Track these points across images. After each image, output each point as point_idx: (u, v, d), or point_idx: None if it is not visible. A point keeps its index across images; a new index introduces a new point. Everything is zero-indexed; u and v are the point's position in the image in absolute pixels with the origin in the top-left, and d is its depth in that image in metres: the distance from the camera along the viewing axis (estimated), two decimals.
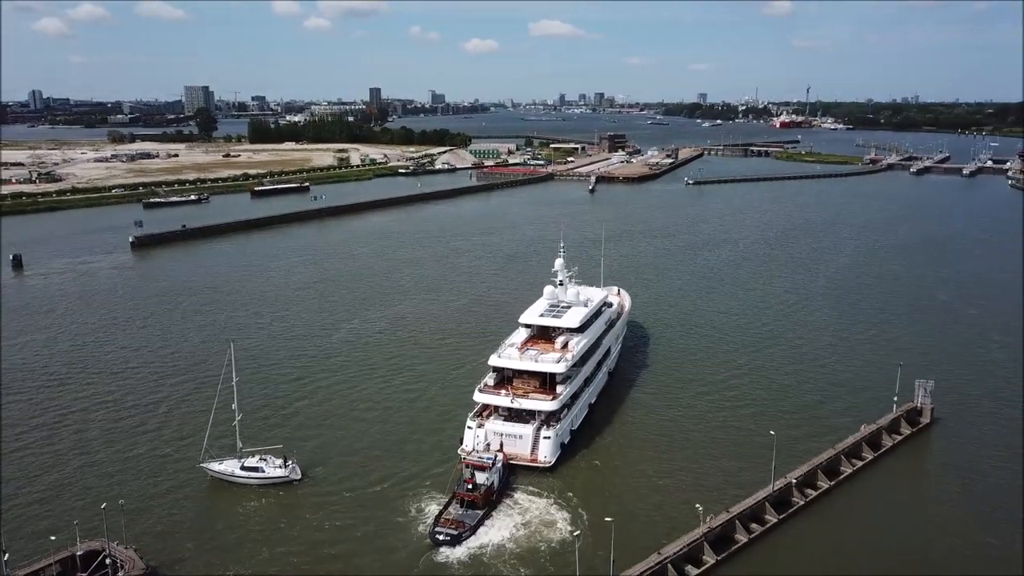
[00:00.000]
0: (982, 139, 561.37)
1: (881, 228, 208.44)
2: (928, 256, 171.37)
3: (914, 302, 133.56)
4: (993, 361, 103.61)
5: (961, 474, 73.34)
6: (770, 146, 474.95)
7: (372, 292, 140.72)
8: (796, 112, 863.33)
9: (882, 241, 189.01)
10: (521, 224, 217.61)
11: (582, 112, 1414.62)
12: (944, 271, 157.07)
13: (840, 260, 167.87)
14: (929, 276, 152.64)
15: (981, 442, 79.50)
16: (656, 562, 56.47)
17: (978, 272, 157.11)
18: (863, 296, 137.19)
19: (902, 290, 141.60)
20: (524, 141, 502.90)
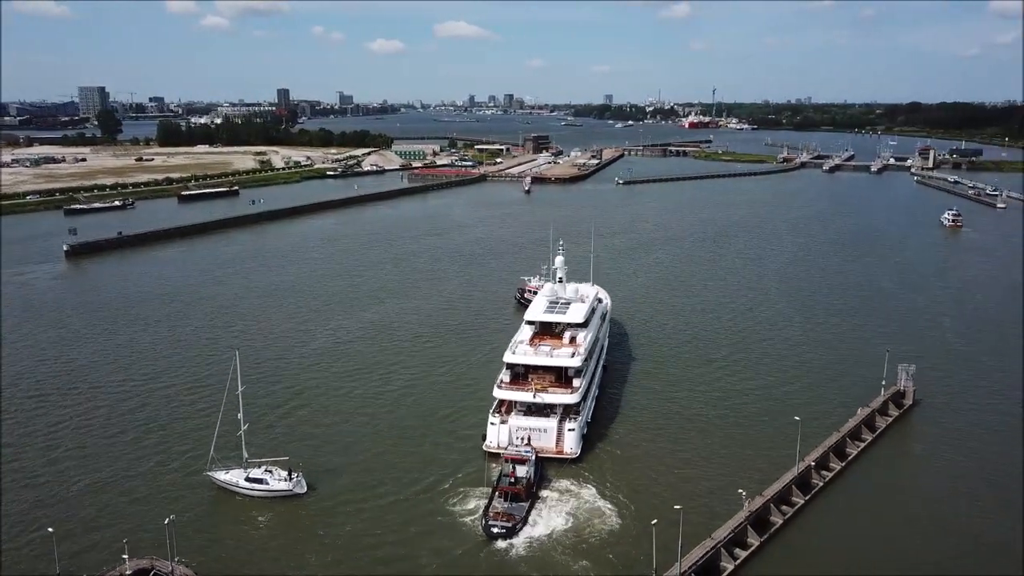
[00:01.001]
0: (878, 138, 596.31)
1: (813, 224, 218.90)
2: (863, 249, 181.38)
3: (864, 292, 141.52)
4: (950, 342, 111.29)
5: (947, 447, 79.10)
6: (686, 146, 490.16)
7: (341, 297, 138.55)
8: (703, 113, 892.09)
9: (817, 236, 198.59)
10: (468, 225, 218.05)
11: (493, 113, 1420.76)
12: (882, 262, 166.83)
13: (783, 255, 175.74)
14: (870, 268, 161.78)
15: (958, 418, 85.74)
16: (711, 547, 58.68)
17: (912, 262, 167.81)
18: (817, 289, 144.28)
19: (850, 281, 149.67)
20: (448, 142, 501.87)
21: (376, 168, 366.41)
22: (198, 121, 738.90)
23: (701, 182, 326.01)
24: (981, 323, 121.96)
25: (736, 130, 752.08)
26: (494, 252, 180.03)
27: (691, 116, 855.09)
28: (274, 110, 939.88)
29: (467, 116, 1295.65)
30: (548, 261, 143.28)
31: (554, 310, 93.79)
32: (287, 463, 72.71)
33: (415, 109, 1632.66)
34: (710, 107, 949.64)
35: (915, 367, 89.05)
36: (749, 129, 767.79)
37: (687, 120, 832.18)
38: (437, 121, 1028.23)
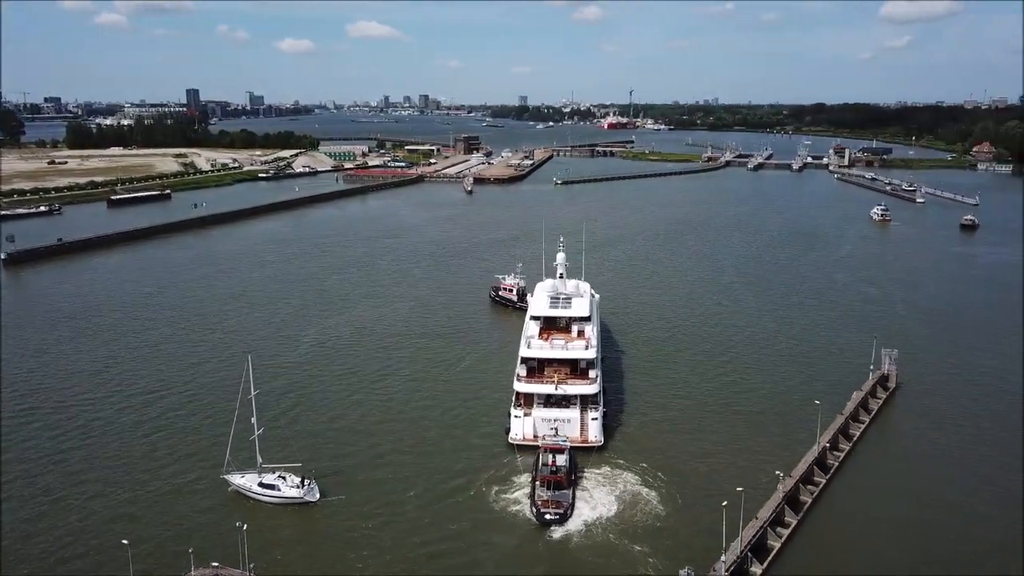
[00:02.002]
0: (789, 137, 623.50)
1: (753, 220, 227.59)
2: (807, 244, 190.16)
3: (820, 285, 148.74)
4: (911, 329, 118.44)
5: (930, 424, 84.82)
6: (612, 147, 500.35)
7: (314, 301, 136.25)
8: (621, 114, 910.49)
9: (762, 233, 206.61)
10: (420, 226, 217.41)
11: (410, 114, 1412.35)
12: (828, 256, 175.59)
13: (735, 251, 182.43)
14: (819, 261, 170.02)
15: (936, 398, 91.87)
16: (759, 527, 61.40)
17: (855, 255, 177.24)
18: (775, 282, 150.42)
19: (804, 275, 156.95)
20: (375, 143, 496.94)
21: (308, 170, 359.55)
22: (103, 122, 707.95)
23: (636, 181, 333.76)
24: (932, 310, 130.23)
25: (654, 131, 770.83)
26: (454, 253, 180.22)
27: (609, 117, 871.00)
28: (184, 111, 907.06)
29: (384, 117, 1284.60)
30: (518, 260, 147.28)
31: (558, 305, 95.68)
32: (301, 470, 71.81)
33: (328, 110, 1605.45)
34: (627, 108, 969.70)
35: (897, 352, 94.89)
36: (666, 129, 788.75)
37: (606, 121, 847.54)
38: (355, 122, 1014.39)
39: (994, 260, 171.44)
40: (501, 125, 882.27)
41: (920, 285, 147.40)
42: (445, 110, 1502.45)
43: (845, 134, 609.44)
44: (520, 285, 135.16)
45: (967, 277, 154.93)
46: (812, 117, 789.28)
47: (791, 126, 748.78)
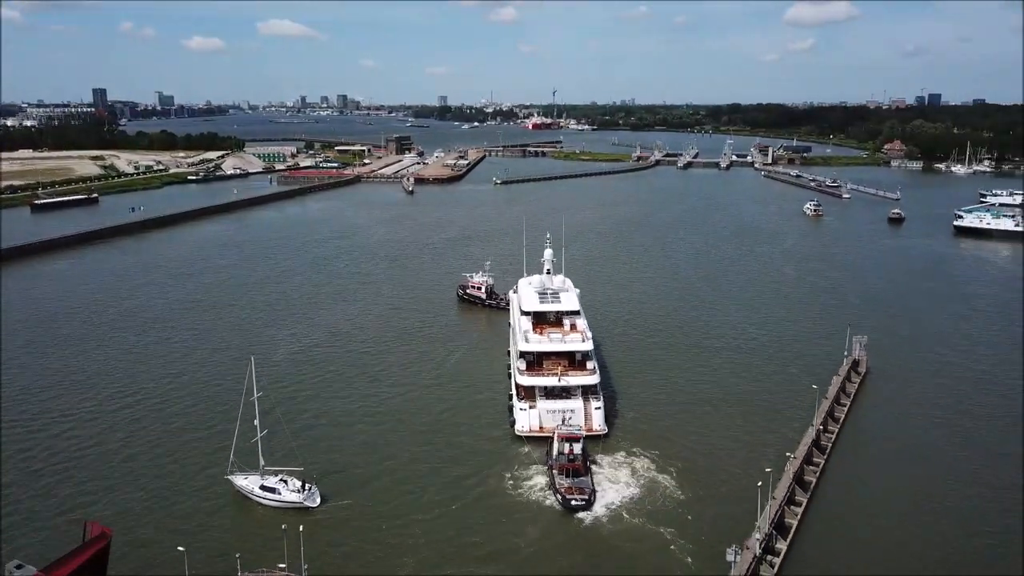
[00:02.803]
0: (710, 136, 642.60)
1: (695, 217, 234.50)
2: (751, 239, 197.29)
3: (772, 278, 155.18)
4: (865, 316, 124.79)
5: (903, 403, 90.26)
6: (543, 147, 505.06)
7: (280, 304, 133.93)
8: (545, 114, 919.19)
9: (706, 229, 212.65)
10: (367, 227, 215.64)
11: (330, 114, 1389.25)
12: (773, 250, 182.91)
13: (686, 248, 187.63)
14: (766, 256, 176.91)
15: (903, 380, 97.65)
16: (778, 506, 64.46)
17: (797, 248, 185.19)
18: (728, 278, 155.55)
19: (756, 269, 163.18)
20: (304, 144, 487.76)
21: (239, 171, 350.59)
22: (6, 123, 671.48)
23: (573, 181, 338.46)
24: (881, 299, 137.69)
25: (578, 131, 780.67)
26: (410, 253, 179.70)
27: (534, 118, 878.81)
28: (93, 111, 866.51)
29: (303, 117, 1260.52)
30: (475, 259, 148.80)
31: (548, 300, 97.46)
32: (302, 474, 71.35)
33: (243, 110, 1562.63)
34: (550, 108, 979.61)
35: (867, 338, 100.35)
36: (589, 130, 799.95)
37: (530, 121, 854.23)
38: (274, 122, 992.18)
39: (926, 251, 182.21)
40: (426, 125, 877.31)
41: (864, 276, 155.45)
42: (365, 110, 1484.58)
43: (762, 133, 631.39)
44: (488, 283, 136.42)
45: (905, 267, 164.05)
46: (728, 117, 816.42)
47: (710, 126, 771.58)
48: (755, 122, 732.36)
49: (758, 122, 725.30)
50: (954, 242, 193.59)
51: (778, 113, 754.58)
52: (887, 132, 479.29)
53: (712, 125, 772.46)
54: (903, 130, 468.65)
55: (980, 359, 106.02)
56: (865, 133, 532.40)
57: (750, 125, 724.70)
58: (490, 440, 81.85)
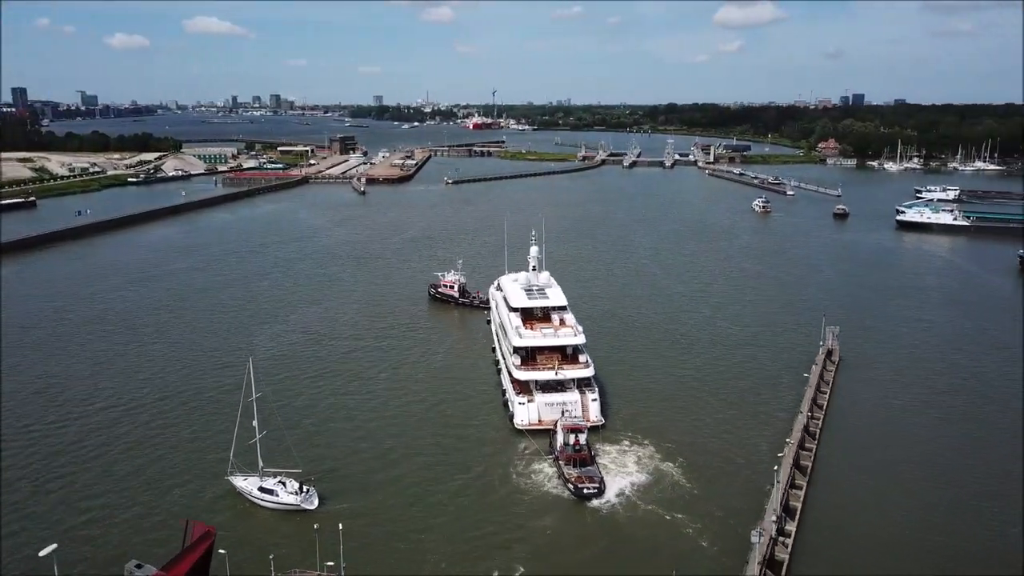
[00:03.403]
0: (649, 136, 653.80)
1: (649, 214, 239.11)
2: (708, 236, 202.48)
3: (734, 273, 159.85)
4: (827, 307, 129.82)
5: (876, 389, 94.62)
6: (489, 146, 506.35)
7: (248, 307, 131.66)
8: (485, 114, 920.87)
9: (662, 227, 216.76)
10: (325, 228, 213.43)
11: (264, 115, 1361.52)
12: (730, 246, 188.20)
13: (646, 245, 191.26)
14: (724, 252, 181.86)
15: (871, 366, 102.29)
16: (783, 490, 67.10)
17: (752, 244, 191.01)
18: (692, 273, 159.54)
19: (716, 265, 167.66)
20: (244, 145, 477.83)
21: (181, 173, 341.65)
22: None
23: (523, 180, 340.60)
24: (839, 291, 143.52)
25: (519, 131, 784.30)
26: (372, 254, 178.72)
27: (474, 118, 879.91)
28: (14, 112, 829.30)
29: (236, 117, 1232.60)
30: (446, 259, 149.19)
31: (535, 296, 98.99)
32: (300, 475, 71.20)
33: (171, 111, 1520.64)
34: (490, 108, 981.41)
35: (839, 328, 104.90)
36: (531, 130, 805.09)
37: (471, 121, 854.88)
38: (207, 123, 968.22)
39: (874, 245, 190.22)
40: (365, 126, 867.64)
41: (820, 270, 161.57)
42: (300, 110, 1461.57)
43: (699, 133, 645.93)
44: (460, 281, 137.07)
45: (857, 261, 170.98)
46: (666, 117, 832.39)
47: (648, 125, 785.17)
48: (691, 122, 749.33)
49: (694, 122, 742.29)
50: (897, 236, 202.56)
51: (713, 113, 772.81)
52: (819, 131, 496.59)
53: (650, 125, 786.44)
54: (835, 129, 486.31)
55: (939, 344, 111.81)
56: (798, 132, 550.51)
57: (687, 125, 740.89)
58: (489, 435, 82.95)
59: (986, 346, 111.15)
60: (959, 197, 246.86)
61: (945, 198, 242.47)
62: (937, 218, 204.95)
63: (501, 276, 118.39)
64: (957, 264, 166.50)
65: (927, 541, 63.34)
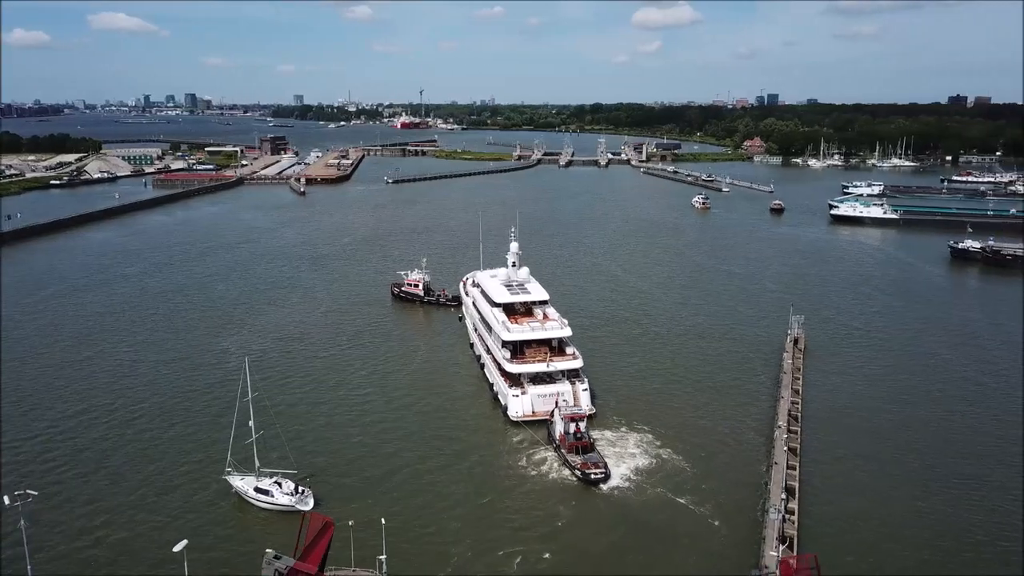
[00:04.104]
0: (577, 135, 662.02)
1: (594, 214, 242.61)
2: (655, 232, 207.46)
3: (687, 268, 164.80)
4: (785, 298, 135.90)
5: (845, 374, 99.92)
6: (423, 145, 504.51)
7: (211, 311, 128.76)
8: (413, 114, 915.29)
9: (608, 225, 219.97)
10: (272, 229, 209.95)
11: (181, 114, 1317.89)
12: (678, 242, 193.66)
13: (597, 243, 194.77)
14: (674, 247, 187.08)
15: (834, 353, 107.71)
16: (782, 472, 70.54)
17: (699, 239, 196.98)
18: (648, 269, 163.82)
19: (670, 260, 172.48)
20: (169, 145, 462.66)
21: (107, 175, 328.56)
22: None
23: (463, 179, 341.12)
24: (789, 282, 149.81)
25: (448, 130, 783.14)
26: (325, 255, 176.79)
27: (403, 117, 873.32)
28: None
29: (150, 117, 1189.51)
30: (401, 259, 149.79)
31: (517, 291, 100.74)
32: (296, 476, 71.21)
33: (79, 110, 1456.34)
34: (418, 108, 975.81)
35: (804, 317, 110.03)
36: (460, 129, 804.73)
37: (399, 121, 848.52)
38: (120, 123, 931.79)
39: (814, 238, 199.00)
40: (291, 125, 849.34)
41: (768, 263, 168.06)
42: (218, 110, 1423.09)
43: (626, 132, 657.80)
44: (425, 280, 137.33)
45: (801, 253, 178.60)
46: (592, 116, 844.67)
47: (575, 125, 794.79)
48: (617, 121, 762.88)
49: (620, 121, 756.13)
50: (833, 230, 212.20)
51: (639, 113, 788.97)
52: (743, 130, 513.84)
53: (577, 124, 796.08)
54: (757, 127, 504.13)
55: (893, 330, 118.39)
56: (723, 131, 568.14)
57: (613, 124, 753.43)
58: (483, 428, 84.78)
59: (937, 331, 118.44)
60: (884, 192, 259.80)
61: (871, 193, 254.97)
62: (868, 212, 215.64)
63: (474, 272, 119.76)
64: (894, 255, 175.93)
65: (914, 510, 67.67)
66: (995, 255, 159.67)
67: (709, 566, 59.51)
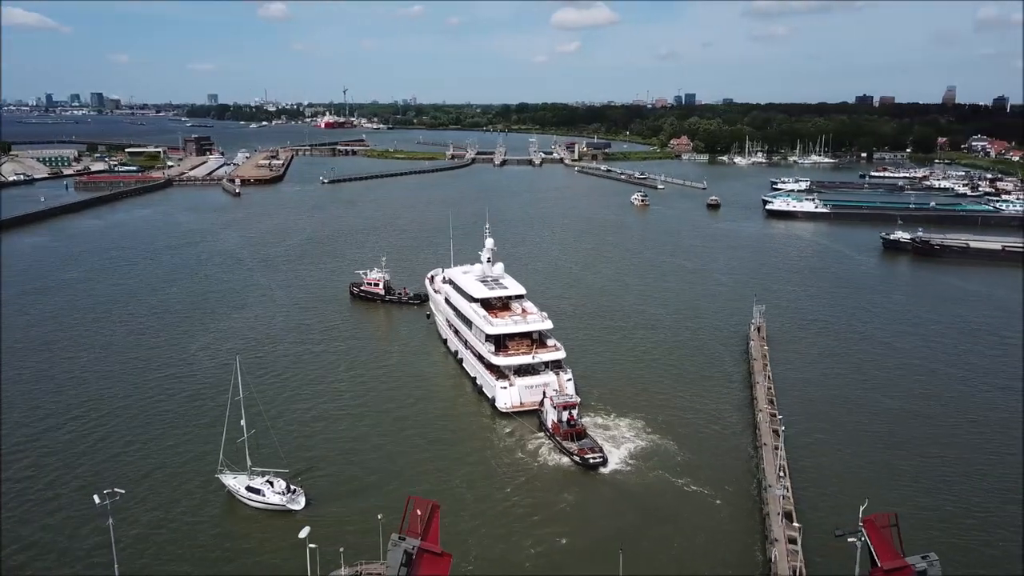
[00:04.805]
0: (506, 135, 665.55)
1: (538, 213, 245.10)
2: (600, 230, 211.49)
3: (638, 264, 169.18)
4: (741, 290, 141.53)
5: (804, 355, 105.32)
6: (353, 145, 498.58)
7: (168, 316, 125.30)
8: (336, 113, 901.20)
9: (555, 224, 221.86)
10: (212, 231, 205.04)
11: (88, 114, 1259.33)
12: (627, 239, 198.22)
13: (548, 241, 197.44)
14: (626, 244, 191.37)
15: (792, 338, 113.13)
16: (772, 450, 74.13)
17: (636, 236, 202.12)
18: (600, 265, 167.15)
19: (620, 256, 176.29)
20: (85, 147, 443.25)
21: (24, 178, 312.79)
22: None
23: (400, 179, 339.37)
24: (739, 273, 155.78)
25: (374, 130, 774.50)
26: (275, 256, 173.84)
27: (327, 117, 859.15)
28: None
29: (56, 117, 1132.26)
30: (354, 260, 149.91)
31: (493, 286, 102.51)
32: (287, 475, 71.28)
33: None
34: (341, 107, 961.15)
35: (765, 307, 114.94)
36: (386, 128, 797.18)
37: (323, 120, 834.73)
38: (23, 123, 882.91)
39: (753, 232, 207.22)
40: (211, 125, 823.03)
41: (714, 256, 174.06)
42: (128, 109, 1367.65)
43: (553, 131, 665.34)
44: (385, 279, 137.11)
45: (744, 247, 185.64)
46: (518, 116, 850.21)
47: (501, 124, 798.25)
48: (543, 121, 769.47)
49: (546, 121, 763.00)
50: (769, 224, 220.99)
51: (564, 112, 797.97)
52: (668, 129, 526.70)
53: (504, 124, 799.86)
54: (682, 126, 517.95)
55: (844, 316, 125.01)
56: (648, 130, 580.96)
57: (539, 124, 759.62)
58: (473, 421, 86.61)
59: (883, 316, 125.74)
60: (811, 188, 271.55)
61: (799, 189, 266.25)
62: (801, 206, 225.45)
63: (438, 269, 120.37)
64: (831, 247, 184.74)
65: (895, 477, 72.71)
66: (924, 245, 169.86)
67: (719, 542, 62.32)
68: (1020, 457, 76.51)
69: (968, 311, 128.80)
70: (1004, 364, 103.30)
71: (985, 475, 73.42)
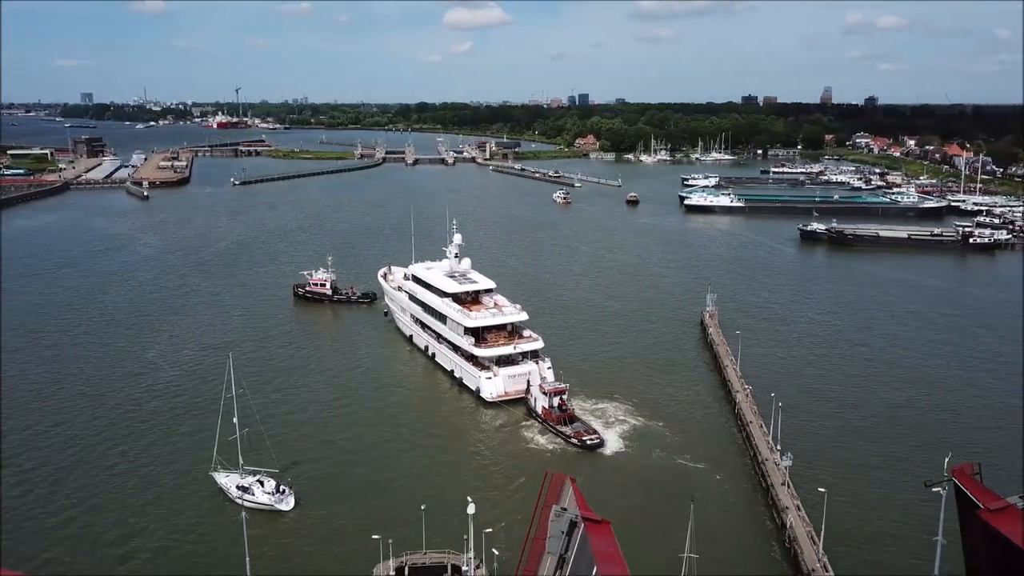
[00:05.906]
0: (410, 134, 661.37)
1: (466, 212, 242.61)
2: (530, 229, 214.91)
3: (577, 259, 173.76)
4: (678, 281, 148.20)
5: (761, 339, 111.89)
6: (255, 145, 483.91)
7: (112, 324, 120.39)
8: (230, 113, 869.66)
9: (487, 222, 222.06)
10: (131, 236, 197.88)
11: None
12: (556, 237, 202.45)
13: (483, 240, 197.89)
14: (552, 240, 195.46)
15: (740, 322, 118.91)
16: (760, 425, 79.08)
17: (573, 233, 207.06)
18: (541, 260, 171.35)
19: (556, 252, 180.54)
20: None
21: None
22: None
23: (312, 179, 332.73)
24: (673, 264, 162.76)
25: (271, 130, 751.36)
26: (207, 260, 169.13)
27: (219, 116, 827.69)
28: None
29: None
30: (291, 262, 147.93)
31: (463, 281, 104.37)
32: (278, 475, 71.30)
33: None
34: (235, 107, 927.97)
35: (716, 295, 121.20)
36: (283, 128, 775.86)
37: (215, 120, 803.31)
38: None
39: (675, 225, 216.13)
40: (92, 126, 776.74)
41: (647, 250, 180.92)
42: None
43: (455, 131, 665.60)
44: (332, 279, 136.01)
45: (669, 240, 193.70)
46: (418, 115, 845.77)
47: (401, 124, 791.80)
48: (444, 120, 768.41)
49: (447, 120, 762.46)
50: (689, 218, 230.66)
51: (464, 112, 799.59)
52: (572, 128, 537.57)
53: (404, 123, 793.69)
54: (585, 125, 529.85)
55: (779, 303, 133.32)
56: (552, 130, 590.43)
57: (440, 123, 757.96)
58: (459, 413, 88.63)
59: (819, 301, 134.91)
60: (719, 183, 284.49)
61: (709, 185, 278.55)
62: (718, 201, 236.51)
63: (409, 266, 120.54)
64: (753, 239, 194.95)
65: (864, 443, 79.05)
66: (838, 235, 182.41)
67: (733, 513, 66.37)
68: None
69: (885, 294, 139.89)
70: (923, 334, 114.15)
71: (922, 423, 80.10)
